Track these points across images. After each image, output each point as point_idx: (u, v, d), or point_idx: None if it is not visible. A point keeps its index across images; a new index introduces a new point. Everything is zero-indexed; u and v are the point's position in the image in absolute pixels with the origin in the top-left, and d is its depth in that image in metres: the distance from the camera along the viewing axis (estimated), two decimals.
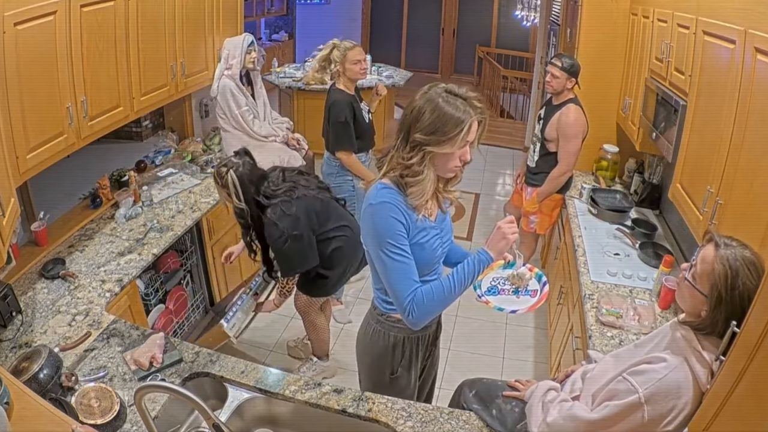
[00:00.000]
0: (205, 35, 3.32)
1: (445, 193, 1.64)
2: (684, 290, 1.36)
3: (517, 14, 7.52)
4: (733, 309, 1.21)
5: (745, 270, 1.21)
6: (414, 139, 1.45)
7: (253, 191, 2.33)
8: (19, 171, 1.99)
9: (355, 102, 3.11)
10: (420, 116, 1.44)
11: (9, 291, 1.98)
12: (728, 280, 1.22)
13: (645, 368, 1.30)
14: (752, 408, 1.21)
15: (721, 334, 1.24)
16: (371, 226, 1.51)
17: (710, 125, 1.89)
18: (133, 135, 3.64)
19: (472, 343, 3.33)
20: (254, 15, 8.00)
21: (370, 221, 1.52)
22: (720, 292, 1.22)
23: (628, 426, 1.27)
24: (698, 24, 2.05)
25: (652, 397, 1.25)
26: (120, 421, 1.60)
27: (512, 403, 1.72)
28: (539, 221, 3.45)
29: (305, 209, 2.38)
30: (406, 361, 1.80)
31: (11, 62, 1.87)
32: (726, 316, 1.22)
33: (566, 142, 3.11)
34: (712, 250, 1.28)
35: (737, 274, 1.21)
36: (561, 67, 3.06)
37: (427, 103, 1.44)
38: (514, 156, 6.37)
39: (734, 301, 1.21)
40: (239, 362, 1.90)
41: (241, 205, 2.33)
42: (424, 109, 1.43)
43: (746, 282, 1.20)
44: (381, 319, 1.76)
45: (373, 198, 1.51)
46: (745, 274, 1.21)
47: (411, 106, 1.47)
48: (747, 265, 1.22)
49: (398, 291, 1.52)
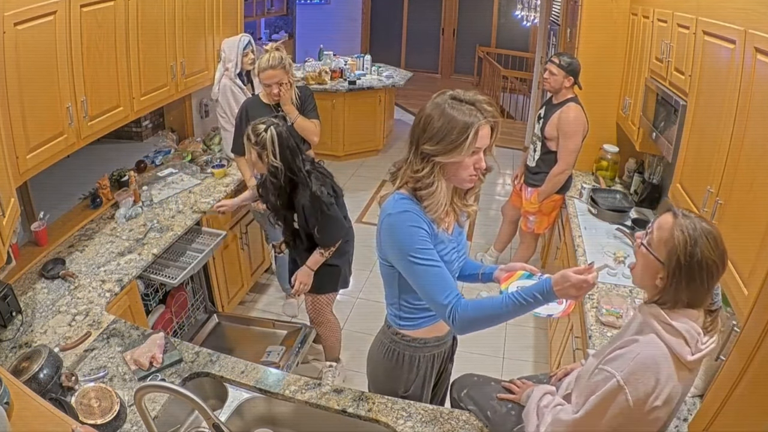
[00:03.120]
0: (205, 35, 3.33)
1: (463, 206, 1.58)
2: (639, 259, 1.34)
3: (517, 14, 7.52)
4: (691, 277, 1.21)
5: (703, 239, 1.21)
6: (422, 151, 1.41)
7: (288, 155, 2.31)
8: (19, 171, 1.99)
9: (267, 111, 2.88)
10: (427, 126, 1.40)
11: (9, 291, 1.98)
12: (687, 248, 1.21)
13: (618, 353, 1.29)
14: (752, 408, 1.21)
15: (688, 305, 1.25)
16: (392, 237, 1.46)
17: (710, 125, 1.89)
18: (133, 135, 3.64)
19: (472, 343, 3.30)
20: (254, 15, 7.99)
21: (390, 232, 1.46)
22: (679, 258, 1.21)
23: (615, 414, 1.25)
24: (698, 24, 2.05)
25: (630, 377, 1.23)
26: (120, 421, 1.60)
27: (508, 406, 1.70)
28: (538, 221, 3.45)
29: (332, 189, 2.49)
30: (419, 379, 1.77)
31: (11, 62, 1.87)
32: (686, 284, 1.22)
33: (566, 140, 3.11)
34: (671, 218, 1.27)
35: (696, 243, 1.20)
36: (559, 64, 3.06)
37: (433, 111, 1.40)
38: (513, 156, 6.37)
39: (692, 268, 1.21)
40: (239, 362, 1.90)
41: (276, 163, 2.29)
42: (431, 118, 1.40)
43: (705, 251, 1.20)
44: (395, 338, 1.72)
45: (392, 208, 1.46)
46: (704, 242, 1.20)
47: (419, 116, 1.44)
48: (705, 235, 1.21)
49: (436, 297, 1.45)
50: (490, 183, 5.79)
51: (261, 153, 2.31)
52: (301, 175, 2.36)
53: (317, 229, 2.43)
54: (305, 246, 2.55)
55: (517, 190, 3.69)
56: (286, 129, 2.36)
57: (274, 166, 2.31)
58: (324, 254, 2.53)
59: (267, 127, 2.30)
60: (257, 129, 2.32)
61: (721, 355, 1.54)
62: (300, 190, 2.37)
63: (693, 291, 1.23)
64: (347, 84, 5.73)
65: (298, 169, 2.36)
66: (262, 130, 2.30)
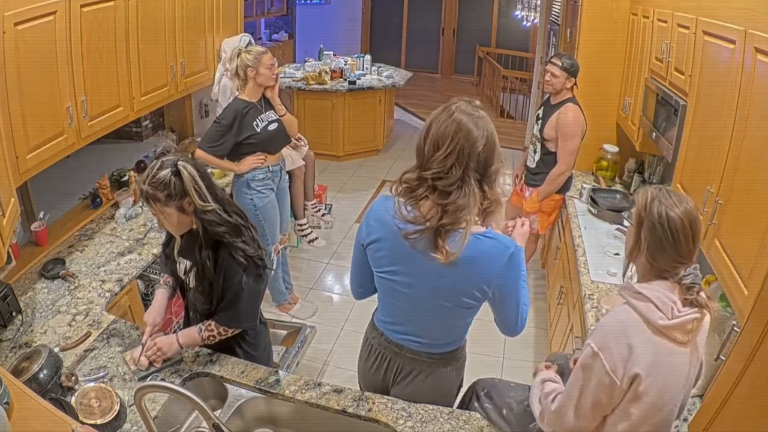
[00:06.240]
0: (205, 35, 3.33)
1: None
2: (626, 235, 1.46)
3: (517, 14, 7.52)
4: (653, 233, 1.30)
5: (663, 193, 1.32)
6: (490, 172, 1.42)
7: (217, 191, 1.75)
8: (19, 171, 1.99)
9: (253, 110, 2.85)
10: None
11: (9, 291, 1.98)
12: (646, 203, 1.33)
13: (596, 326, 1.39)
14: (752, 408, 1.21)
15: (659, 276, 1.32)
16: (521, 268, 1.50)
17: (710, 125, 1.90)
18: (133, 135, 3.64)
19: (472, 343, 3.30)
20: (254, 15, 8.00)
21: (519, 265, 1.48)
22: (640, 213, 1.33)
23: (596, 383, 1.30)
24: (698, 24, 2.05)
25: (602, 343, 1.30)
26: (120, 421, 1.60)
27: (524, 404, 1.70)
28: (540, 221, 3.45)
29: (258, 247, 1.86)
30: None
31: (11, 62, 1.87)
32: (650, 242, 1.31)
33: (565, 141, 3.11)
34: (642, 191, 1.40)
35: (654, 198, 1.32)
36: (561, 66, 3.06)
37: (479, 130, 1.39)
38: (514, 156, 6.36)
39: (652, 219, 1.30)
40: (239, 362, 1.90)
41: (209, 206, 1.68)
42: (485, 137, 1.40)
43: (663, 203, 1.30)
44: (458, 365, 1.75)
45: (511, 243, 1.47)
46: (663, 195, 1.31)
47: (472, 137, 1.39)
48: (665, 191, 1.33)
49: (525, 313, 1.57)
50: None
51: (182, 203, 1.67)
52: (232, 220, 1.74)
53: (226, 299, 1.79)
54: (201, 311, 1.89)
55: (517, 190, 3.69)
56: (191, 159, 1.76)
57: (208, 209, 1.68)
58: (207, 336, 1.82)
59: (172, 167, 1.66)
60: (159, 177, 1.65)
61: (721, 355, 1.54)
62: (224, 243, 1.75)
63: (658, 250, 1.30)
64: (347, 84, 5.73)
65: (231, 209, 1.78)
66: (168, 174, 1.65)
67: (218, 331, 1.84)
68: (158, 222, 1.78)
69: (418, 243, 1.43)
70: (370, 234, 1.54)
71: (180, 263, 1.89)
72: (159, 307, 1.92)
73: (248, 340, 1.98)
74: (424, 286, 1.51)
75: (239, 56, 2.79)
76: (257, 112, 2.87)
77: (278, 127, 2.98)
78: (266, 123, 2.91)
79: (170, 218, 1.71)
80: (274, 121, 2.96)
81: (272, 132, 2.94)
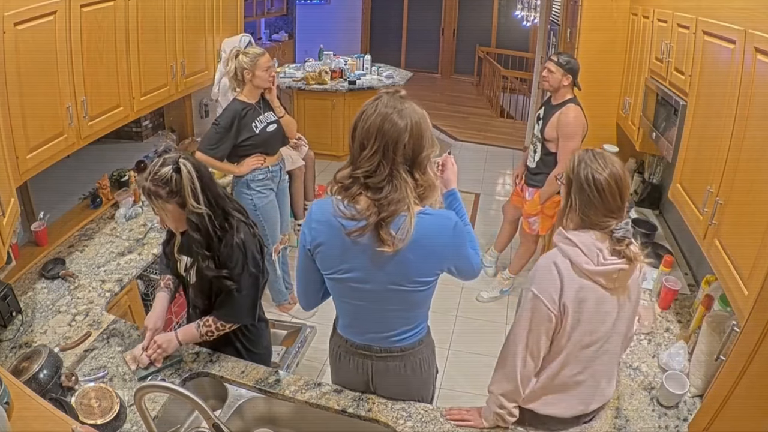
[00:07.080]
0: (205, 35, 3.33)
1: None
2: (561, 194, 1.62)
3: (517, 14, 7.52)
4: (581, 188, 1.47)
5: (589, 155, 1.49)
6: (420, 159, 1.46)
7: (218, 190, 1.76)
8: (19, 171, 1.99)
9: (252, 111, 2.84)
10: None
11: (9, 291, 1.98)
12: (573, 166, 1.51)
13: (531, 270, 1.55)
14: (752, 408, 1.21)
15: (589, 226, 1.47)
16: (466, 229, 1.57)
17: (710, 125, 1.89)
18: (133, 135, 3.64)
19: (472, 343, 3.33)
20: (254, 15, 8.00)
21: (463, 229, 1.53)
22: (569, 175, 1.52)
23: (527, 309, 1.47)
24: (698, 24, 2.05)
25: (534, 280, 1.48)
26: (120, 421, 1.60)
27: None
28: (541, 222, 3.45)
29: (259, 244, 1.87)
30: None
31: (11, 62, 1.87)
32: (578, 197, 1.47)
33: (566, 141, 3.11)
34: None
35: (581, 160, 1.49)
36: (557, 62, 3.06)
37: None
38: (514, 156, 6.37)
39: (579, 181, 1.47)
40: (239, 362, 1.90)
41: (200, 208, 1.67)
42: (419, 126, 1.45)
43: (589, 164, 1.46)
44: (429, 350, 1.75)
45: (450, 213, 1.53)
46: (589, 158, 1.48)
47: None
48: (592, 154, 1.50)
49: (478, 256, 1.64)
50: (489, 183, 5.79)
51: (182, 201, 1.68)
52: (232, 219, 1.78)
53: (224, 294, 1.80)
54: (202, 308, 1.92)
55: (517, 190, 3.69)
56: (193, 159, 1.75)
57: (198, 212, 1.67)
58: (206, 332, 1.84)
59: (174, 164, 1.67)
60: (161, 173, 1.66)
61: (721, 355, 1.54)
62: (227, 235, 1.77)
63: (588, 207, 1.46)
64: (347, 84, 5.73)
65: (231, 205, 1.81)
66: (170, 171, 1.66)
67: (216, 327, 1.84)
68: (159, 219, 1.80)
69: (362, 238, 1.43)
70: (315, 237, 1.51)
71: (180, 261, 1.91)
72: (160, 311, 1.91)
73: (249, 338, 1.99)
74: (378, 277, 1.49)
75: (237, 57, 2.79)
76: (256, 114, 2.87)
77: (277, 128, 2.97)
78: (265, 124, 2.91)
79: (171, 215, 1.72)
80: (273, 122, 2.96)
81: (271, 133, 2.94)
